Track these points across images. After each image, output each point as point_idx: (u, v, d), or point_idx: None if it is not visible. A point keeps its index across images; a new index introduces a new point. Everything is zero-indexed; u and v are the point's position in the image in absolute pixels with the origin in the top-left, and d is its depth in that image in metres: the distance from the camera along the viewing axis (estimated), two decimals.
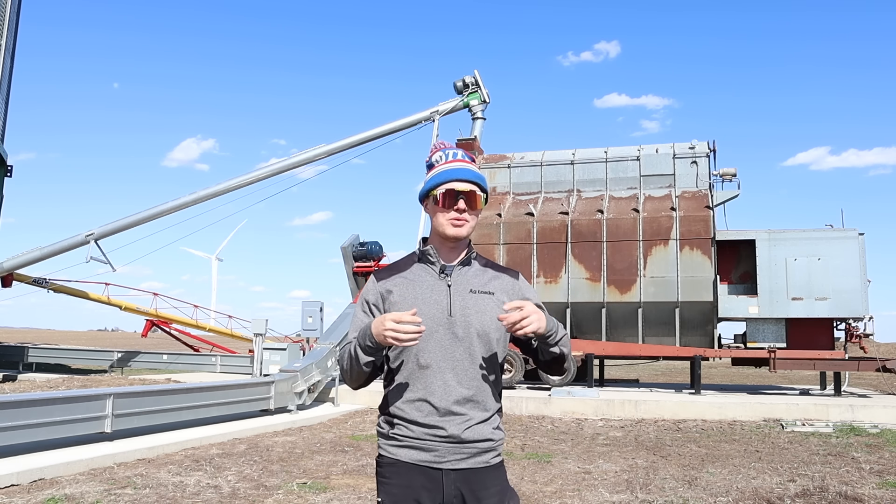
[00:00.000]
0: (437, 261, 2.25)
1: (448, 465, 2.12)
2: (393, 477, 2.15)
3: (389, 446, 2.18)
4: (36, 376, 19.29)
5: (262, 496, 6.33)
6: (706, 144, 16.43)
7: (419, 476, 2.12)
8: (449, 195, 2.20)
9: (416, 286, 2.21)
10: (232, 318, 28.44)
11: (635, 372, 26.20)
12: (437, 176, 2.25)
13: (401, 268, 2.29)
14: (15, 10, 15.42)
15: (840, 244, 14.64)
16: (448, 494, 2.11)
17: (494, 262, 2.38)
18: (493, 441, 2.17)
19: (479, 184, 2.24)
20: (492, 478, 2.16)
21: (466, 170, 2.24)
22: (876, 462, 8.34)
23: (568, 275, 15.89)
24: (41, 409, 7.80)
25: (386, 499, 2.16)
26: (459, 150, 2.33)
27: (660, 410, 12.88)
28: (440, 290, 2.20)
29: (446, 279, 2.21)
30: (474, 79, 19.54)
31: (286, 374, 12.60)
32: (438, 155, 2.30)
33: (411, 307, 2.12)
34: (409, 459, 2.13)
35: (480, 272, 2.28)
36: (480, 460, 2.15)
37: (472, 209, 2.21)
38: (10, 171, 16.19)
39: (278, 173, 20.48)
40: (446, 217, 2.20)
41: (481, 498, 2.12)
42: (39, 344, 27.00)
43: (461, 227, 2.20)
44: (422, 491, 2.11)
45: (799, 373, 21.59)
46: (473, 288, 2.21)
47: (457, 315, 2.16)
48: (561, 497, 6.44)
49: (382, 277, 2.28)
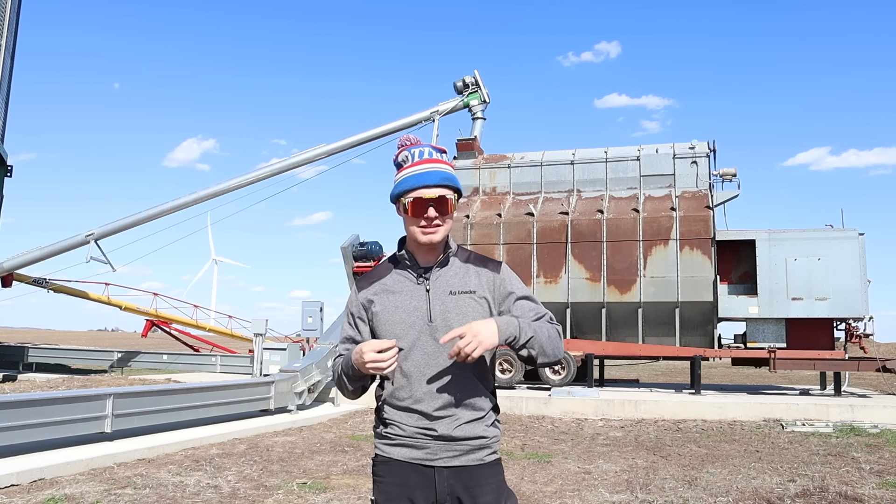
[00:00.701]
0: (414, 264, 2.21)
1: (440, 462, 2.11)
2: (387, 475, 2.15)
3: (383, 445, 2.18)
4: (36, 376, 19.30)
5: (262, 496, 6.33)
6: (706, 144, 16.43)
7: (412, 474, 2.11)
8: (417, 204, 2.13)
9: (395, 295, 2.18)
10: (232, 318, 28.47)
11: (635, 372, 26.19)
12: (403, 181, 2.17)
13: (379, 275, 2.26)
14: (15, 10, 15.41)
15: (840, 244, 14.64)
16: (441, 492, 2.10)
17: (477, 255, 2.30)
18: (487, 438, 2.15)
19: (449, 185, 2.16)
20: (487, 476, 2.14)
21: (433, 173, 2.15)
22: (876, 462, 8.33)
23: (568, 275, 15.89)
24: (41, 409, 7.80)
25: (380, 497, 2.15)
26: (426, 146, 2.23)
27: (660, 410, 12.88)
28: (419, 296, 2.17)
29: (425, 283, 2.18)
30: (474, 79, 19.54)
31: (286, 374, 12.60)
32: (404, 155, 2.23)
33: (392, 316, 2.14)
34: (402, 458, 2.13)
35: (461, 270, 2.22)
36: (474, 458, 2.13)
37: (442, 214, 2.14)
38: (10, 171, 16.19)
39: (278, 173, 20.49)
40: (417, 225, 2.15)
41: (476, 495, 2.10)
42: (39, 344, 27.00)
43: (433, 234, 2.15)
44: (415, 489, 2.10)
45: (799, 373, 21.59)
46: (453, 289, 2.17)
47: (437, 320, 2.13)
48: (561, 497, 6.44)
49: (363, 287, 2.25)
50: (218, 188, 20.38)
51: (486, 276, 2.22)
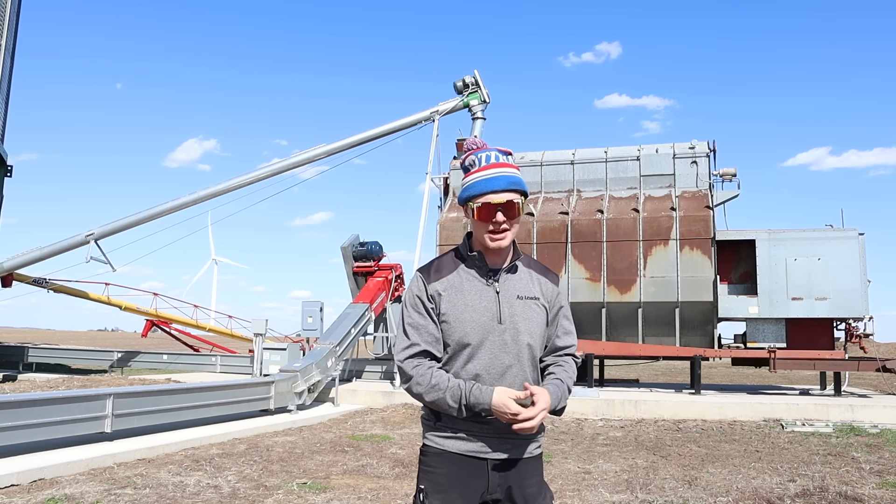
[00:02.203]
0: (484, 265, 2.24)
1: (494, 455, 2.18)
2: (439, 466, 2.20)
3: (436, 437, 2.23)
4: (36, 376, 19.29)
5: (262, 496, 6.33)
6: (706, 144, 16.43)
7: (465, 466, 2.17)
8: (485, 209, 2.16)
9: (464, 293, 2.21)
10: (232, 318, 28.49)
11: (635, 372, 26.19)
12: (471, 186, 2.20)
13: (446, 270, 2.27)
14: (15, 10, 15.42)
15: (840, 244, 14.64)
16: (493, 483, 2.17)
17: (537, 263, 2.39)
18: (536, 433, 2.22)
19: (516, 189, 2.19)
20: (532, 468, 2.24)
21: (501, 178, 2.18)
22: (876, 462, 8.33)
23: (568, 275, 15.89)
24: (41, 409, 7.80)
25: (428, 486, 2.19)
26: (493, 151, 2.25)
27: (660, 410, 12.88)
28: (489, 297, 2.21)
29: (494, 285, 2.22)
30: (474, 79, 19.53)
31: (286, 374, 12.60)
32: (471, 159, 2.25)
33: (463, 314, 2.18)
34: (457, 450, 2.18)
35: (526, 275, 2.29)
36: (524, 450, 2.21)
37: (510, 218, 2.18)
38: (10, 171, 16.19)
39: (278, 173, 20.47)
40: (485, 230, 2.18)
41: (523, 486, 2.19)
42: (39, 344, 27.00)
43: (502, 240, 2.19)
44: (467, 480, 2.17)
45: (799, 373, 21.59)
46: (520, 294, 2.23)
47: (506, 322, 2.19)
48: (561, 497, 6.44)
49: (431, 280, 2.25)
50: (218, 188, 20.37)
51: (547, 287, 2.33)
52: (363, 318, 15.79)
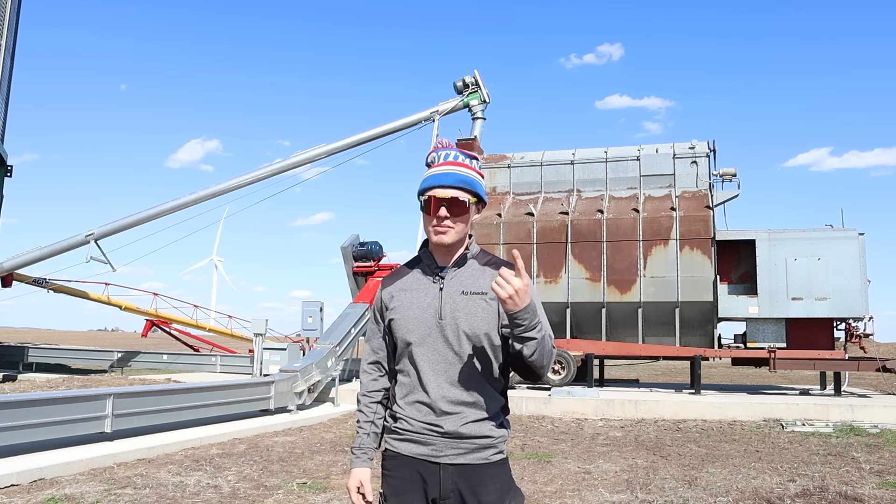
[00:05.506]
0: (432, 263, 2.27)
1: (446, 459, 2.14)
2: (394, 469, 2.21)
3: (392, 440, 2.25)
4: (36, 376, 19.29)
5: (262, 496, 6.33)
6: (706, 144, 16.43)
7: (418, 469, 2.16)
8: (431, 202, 2.18)
9: (411, 292, 2.26)
10: (232, 318, 28.47)
11: (635, 372, 26.19)
12: (423, 181, 2.24)
13: (403, 272, 2.34)
14: (15, 10, 15.42)
15: (840, 244, 14.64)
16: (445, 489, 2.13)
17: (499, 260, 2.34)
18: (493, 438, 2.16)
19: (465, 188, 2.19)
20: (491, 475, 2.15)
21: (451, 174, 2.19)
22: (876, 462, 8.33)
23: (568, 275, 15.89)
24: (41, 409, 7.80)
25: (387, 490, 2.21)
26: (453, 150, 2.27)
27: (660, 410, 12.88)
28: (433, 294, 2.23)
29: (440, 282, 2.24)
30: (474, 79, 19.55)
31: (286, 374, 12.60)
32: (432, 156, 2.29)
33: (407, 312, 2.22)
34: (409, 453, 2.18)
35: (478, 272, 2.25)
36: (479, 456, 2.15)
37: (455, 216, 2.18)
38: (11, 171, 16.20)
39: (279, 173, 20.48)
40: (430, 224, 2.21)
41: (479, 494, 2.12)
42: (39, 344, 27.01)
43: (444, 235, 2.19)
44: (421, 483, 2.15)
45: (799, 373, 21.59)
46: (465, 289, 2.21)
47: (447, 318, 2.18)
48: (561, 497, 6.44)
49: (386, 285, 2.35)
50: (219, 188, 20.37)
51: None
52: (363, 318, 15.79)
